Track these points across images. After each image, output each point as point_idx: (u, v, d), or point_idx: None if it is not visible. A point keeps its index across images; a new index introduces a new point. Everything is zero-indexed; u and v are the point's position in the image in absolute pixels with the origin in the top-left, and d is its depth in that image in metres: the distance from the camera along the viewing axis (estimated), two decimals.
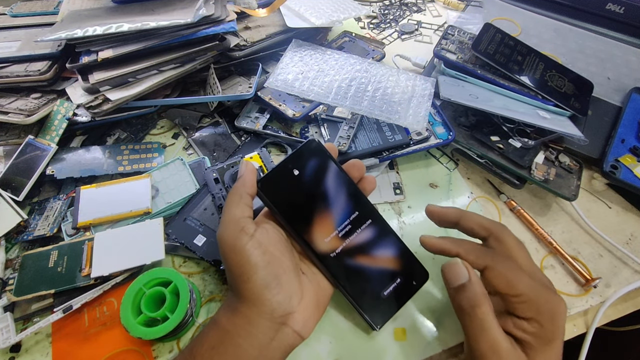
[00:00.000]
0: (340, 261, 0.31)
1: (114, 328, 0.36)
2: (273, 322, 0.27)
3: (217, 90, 0.48)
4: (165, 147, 0.49)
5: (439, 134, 0.47)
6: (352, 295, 0.31)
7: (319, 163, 0.32)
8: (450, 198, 0.47)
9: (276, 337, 0.27)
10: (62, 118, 0.45)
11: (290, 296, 0.28)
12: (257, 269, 0.27)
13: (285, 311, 0.27)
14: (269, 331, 0.27)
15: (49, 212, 0.42)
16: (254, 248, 0.27)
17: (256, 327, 0.27)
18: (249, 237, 0.28)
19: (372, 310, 0.32)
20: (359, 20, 0.70)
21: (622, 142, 0.49)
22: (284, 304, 0.27)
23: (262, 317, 0.27)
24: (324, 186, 0.32)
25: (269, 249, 0.28)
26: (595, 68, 0.60)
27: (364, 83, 0.50)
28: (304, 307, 0.28)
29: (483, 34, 0.55)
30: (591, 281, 0.40)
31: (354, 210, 0.32)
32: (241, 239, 0.28)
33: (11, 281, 0.37)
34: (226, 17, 0.49)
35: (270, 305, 0.27)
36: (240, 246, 0.27)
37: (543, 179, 0.44)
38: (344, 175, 0.33)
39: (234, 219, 0.29)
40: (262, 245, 0.28)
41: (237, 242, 0.28)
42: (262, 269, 0.27)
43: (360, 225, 0.32)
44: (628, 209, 0.47)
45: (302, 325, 0.28)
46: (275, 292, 0.27)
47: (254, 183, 0.31)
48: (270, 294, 0.27)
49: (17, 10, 0.57)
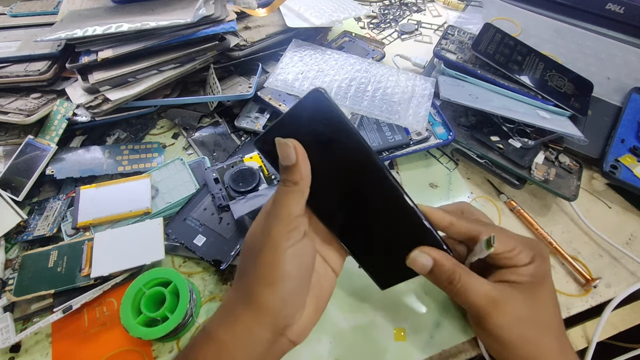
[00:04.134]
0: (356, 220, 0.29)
1: (114, 328, 0.36)
2: (274, 334, 0.26)
3: (217, 90, 0.48)
4: (165, 147, 0.49)
5: (439, 134, 0.47)
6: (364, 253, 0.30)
7: (326, 115, 0.27)
8: (450, 198, 0.47)
9: (272, 348, 0.26)
10: (62, 118, 0.45)
11: (296, 312, 0.27)
12: (285, 279, 0.25)
13: (288, 324, 0.26)
14: (267, 343, 0.26)
15: (48, 212, 0.42)
16: (295, 255, 0.26)
17: (255, 339, 0.26)
18: (294, 241, 0.26)
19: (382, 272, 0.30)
20: (359, 20, 0.70)
21: (622, 142, 0.49)
22: (289, 318, 0.26)
23: (265, 327, 0.25)
24: (335, 143, 0.28)
25: (304, 261, 0.27)
26: (595, 68, 0.60)
27: (363, 83, 0.50)
28: (304, 317, 0.28)
29: (483, 34, 0.55)
30: (591, 281, 0.39)
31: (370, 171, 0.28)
32: (289, 239, 0.25)
33: (11, 281, 0.37)
34: (226, 17, 0.49)
35: (276, 318, 0.25)
36: (283, 247, 0.25)
37: (543, 179, 0.44)
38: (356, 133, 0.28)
39: (290, 216, 0.25)
40: (301, 255, 0.26)
41: (282, 242, 0.25)
42: (291, 281, 0.25)
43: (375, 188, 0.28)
44: (628, 209, 0.47)
45: (299, 335, 0.27)
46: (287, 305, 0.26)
47: (308, 175, 0.26)
48: (285, 309, 0.26)
49: (16, 10, 0.57)
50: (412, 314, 0.38)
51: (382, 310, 0.38)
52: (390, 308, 0.38)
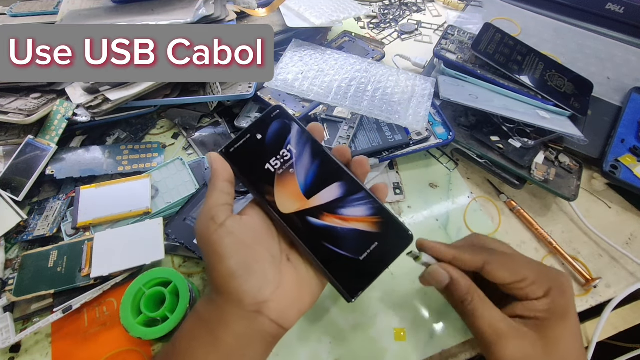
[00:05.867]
0: (307, 223, 0.29)
1: (114, 328, 0.36)
2: (244, 310, 0.26)
3: (217, 90, 0.48)
4: (165, 147, 0.49)
5: (439, 134, 0.47)
6: (322, 260, 0.29)
7: (282, 126, 0.31)
8: (450, 198, 0.47)
9: (251, 326, 0.27)
10: (62, 118, 0.45)
11: (260, 285, 0.27)
12: (223, 258, 0.26)
13: (256, 299, 0.26)
14: (242, 320, 0.26)
15: (48, 212, 0.42)
16: (222, 237, 0.27)
17: (229, 316, 0.26)
18: (217, 225, 0.27)
19: (345, 278, 0.28)
20: (359, 20, 0.70)
21: (622, 142, 0.49)
22: (252, 292, 0.26)
23: (232, 305, 0.26)
24: (287, 148, 0.31)
25: (240, 237, 0.27)
26: (595, 68, 0.60)
27: (363, 83, 0.50)
28: (280, 296, 0.27)
29: (483, 34, 0.55)
30: (591, 281, 0.40)
31: (320, 170, 0.30)
32: (209, 227, 0.27)
33: (11, 281, 0.37)
34: (226, 17, 0.49)
35: (237, 294, 0.26)
36: (208, 235, 0.27)
37: (543, 179, 0.44)
38: (308, 136, 0.31)
39: (205, 209, 0.28)
40: (232, 233, 0.27)
41: (205, 232, 0.27)
42: (229, 258, 0.26)
43: (326, 184, 0.30)
44: (628, 209, 0.47)
45: (279, 314, 0.27)
46: (243, 280, 0.26)
47: (225, 168, 0.29)
48: (237, 282, 0.26)
49: (16, 10, 0.57)
50: (412, 314, 0.38)
51: (382, 310, 0.38)
52: (390, 308, 0.38)
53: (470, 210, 0.45)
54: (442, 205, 0.46)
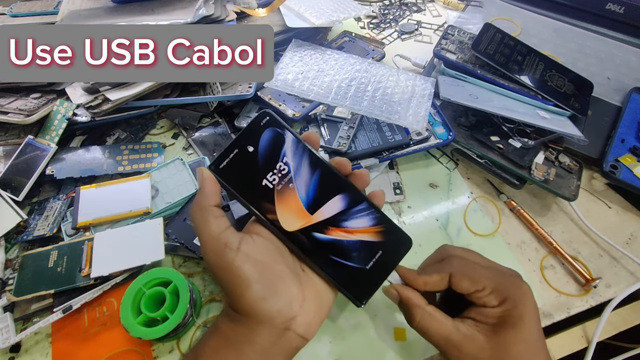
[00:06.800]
0: (313, 239, 0.29)
1: (114, 328, 0.36)
2: (275, 329, 0.26)
3: (217, 90, 0.48)
4: (165, 147, 0.49)
5: (439, 134, 0.47)
6: (331, 274, 0.29)
7: (274, 136, 0.29)
8: (450, 198, 0.47)
9: (279, 342, 0.27)
10: (62, 118, 0.45)
11: (290, 302, 0.27)
12: (249, 284, 0.26)
13: (287, 317, 0.27)
14: (270, 337, 0.26)
15: (48, 212, 0.42)
16: (243, 262, 0.26)
17: (258, 335, 0.26)
18: (234, 252, 0.26)
19: (354, 287, 0.29)
20: (359, 20, 0.70)
21: (622, 142, 0.49)
22: (284, 311, 0.26)
23: (264, 326, 0.26)
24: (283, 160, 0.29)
25: (259, 259, 0.27)
26: (595, 68, 0.60)
27: (363, 83, 0.50)
28: (306, 309, 0.28)
29: (483, 34, 0.55)
30: (591, 281, 0.40)
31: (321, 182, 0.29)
32: (227, 255, 0.26)
33: (11, 281, 0.37)
34: (226, 17, 0.50)
35: (270, 315, 0.26)
36: (226, 264, 0.26)
37: (543, 179, 0.44)
38: (304, 146, 0.30)
39: (212, 237, 0.27)
40: (250, 256, 0.26)
41: (222, 260, 0.26)
42: (255, 282, 0.26)
43: (329, 197, 0.29)
44: (628, 209, 0.47)
45: (306, 327, 0.27)
46: (273, 302, 0.26)
47: (216, 192, 0.28)
48: (268, 304, 0.26)
49: (16, 10, 0.57)
50: None
51: (382, 310, 0.38)
52: (390, 308, 0.38)
53: (470, 210, 0.46)
54: (442, 205, 0.46)
